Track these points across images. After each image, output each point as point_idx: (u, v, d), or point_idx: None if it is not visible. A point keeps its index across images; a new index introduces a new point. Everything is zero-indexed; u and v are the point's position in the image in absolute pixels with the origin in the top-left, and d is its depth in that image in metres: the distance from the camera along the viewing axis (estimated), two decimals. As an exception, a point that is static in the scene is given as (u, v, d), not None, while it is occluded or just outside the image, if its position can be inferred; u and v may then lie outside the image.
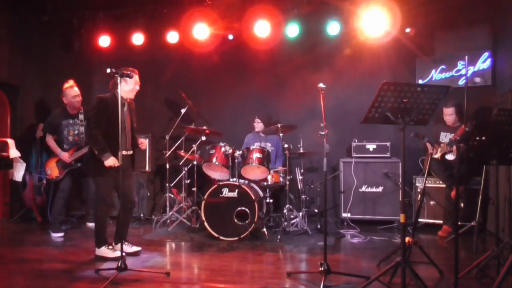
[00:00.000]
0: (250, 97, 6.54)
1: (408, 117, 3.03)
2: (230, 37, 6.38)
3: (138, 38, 6.48)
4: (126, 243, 4.27)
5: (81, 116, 5.43)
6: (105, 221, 4.21)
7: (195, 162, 5.34)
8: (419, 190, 5.45)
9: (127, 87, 4.11)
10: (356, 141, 5.91)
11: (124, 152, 4.00)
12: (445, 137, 5.24)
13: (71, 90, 5.34)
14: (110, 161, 3.96)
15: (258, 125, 5.93)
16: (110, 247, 4.11)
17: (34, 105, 6.68)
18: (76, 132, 5.40)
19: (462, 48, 5.66)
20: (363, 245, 4.76)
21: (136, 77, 4.14)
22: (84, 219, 5.94)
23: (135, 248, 4.31)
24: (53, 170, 5.29)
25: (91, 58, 6.77)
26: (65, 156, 5.22)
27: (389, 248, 4.23)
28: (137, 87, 4.20)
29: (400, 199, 5.23)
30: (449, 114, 5.20)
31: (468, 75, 5.51)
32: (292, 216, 5.38)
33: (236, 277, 3.60)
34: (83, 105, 5.52)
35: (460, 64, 5.75)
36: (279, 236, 4.88)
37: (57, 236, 5.12)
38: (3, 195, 6.29)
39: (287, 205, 5.27)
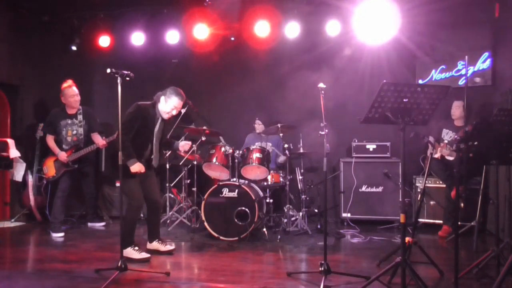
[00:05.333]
0: (250, 97, 6.54)
1: (408, 117, 3.03)
2: (231, 38, 6.39)
3: (138, 38, 6.48)
4: (160, 241, 4.34)
5: (80, 117, 5.43)
6: (134, 223, 4.15)
7: (195, 162, 5.34)
8: (419, 190, 5.45)
9: (164, 108, 4.11)
10: (356, 141, 5.91)
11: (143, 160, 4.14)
12: (446, 134, 5.24)
13: (70, 89, 5.34)
14: (136, 167, 3.94)
15: (259, 127, 5.95)
16: (136, 248, 4.08)
17: (34, 105, 6.67)
18: (74, 132, 5.40)
19: (462, 48, 5.66)
20: (363, 245, 4.76)
21: (176, 102, 4.08)
22: (84, 219, 5.94)
23: (169, 247, 4.34)
24: (50, 169, 5.29)
25: (91, 58, 6.76)
26: (63, 156, 5.22)
27: (389, 248, 4.22)
28: (174, 112, 4.16)
29: (400, 199, 5.23)
30: (457, 106, 5.16)
31: (468, 75, 5.51)
32: (292, 216, 5.38)
33: (236, 277, 3.60)
34: (83, 105, 5.51)
35: (460, 64, 5.75)
36: (279, 236, 4.88)
37: (57, 236, 5.12)
38: (3, 195, 6.29)
39: (287, 205, 5.27)
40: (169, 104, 4.08)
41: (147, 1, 6.33)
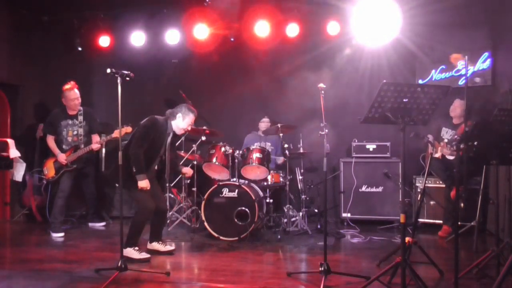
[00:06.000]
0: (250, 97, 6.54)
1: (408, 117, 3.03)
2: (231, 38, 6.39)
3: (138, 38, 6.48)
4: (160, 242, 4.37)
5: (80, 118, 5.42)
6: (142, 226, 4.18)
7: (195, 162, 5.35)
8: (419, 190, 5.45)
9: (181, 125, 4.26)
10: (356, 141, 5.91)
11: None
12: (446, 133, 5.23)
13: (71, 92, 5.34)
14: (143, 183, 4.03)
15: (265, 124, 5.90)
16: (136, 248, 4.11)
17: (34, 105, 6.68)
18: (75, 133, 5.39)
19: (462, 48, 5.65)
20: (363, 245, 4.76)
21: (192, 119, 4.27)
22: (84, 219, 5.94)
23: (169, 247, 4.38)
24: (50, 170, 5.29)
25: (91, 58, 6.76)
26: (62, 158, 5.22)
27: (389, 248, 4.22)
28: (189, 128, 4.35)
29: (400, 199, 5.23)
30: (458, 106, 5.14)
31: (468, 75, 5.50)
32: (292, 216, 5.37)
33: (236, 277, 3.60)
34: (83, 105, 5.50)
35: (460, 64, 5.74)
36: (279, 236, 4.88)
37: (57, 236, 5.12)
38: (3, 195, 6.29)
39: (287, 205, 5.27)
40: (186, 121, 4.25)
41: (147, 1, 6.33)
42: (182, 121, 4.24)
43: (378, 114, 3.02)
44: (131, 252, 4.04)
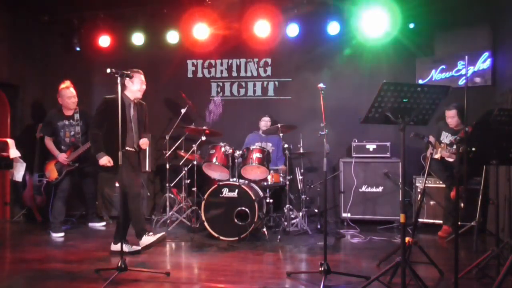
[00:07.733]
0: (250, 97, 6.55)
1: (408, 117, 3.03)
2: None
3: (138, 38, 6.48)
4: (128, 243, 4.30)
5: (77, 116, 5.42)
6: (139, 212, 4.24)
7: (195, 162, 5.35)
8: (419, 190, 5.45)
9: (134, 87, 4.23)
10: (356, 141, 5.91)
11: (127, 148, 4.17)
12: (445, 138, 5.23)
13: (67, 91, 5.34)
14: (103, 160, 4.06)
15: (266, 123, 5.90)
16: (151, 233, 4.21)
17: (34, 105, 6.68)
18: (72, 133, 5.39)
19: (462, 48, 5.66)
20: (363, 245, 4.76)
21: (141, 77, 4.26)
22: (84, 219, 5.94)
23: (135, 247, 4.31)
24: (52, 173, 5.29)
25: (91, 58, 6.76)
26: (63, 157, 5.22)
27: (389, 248, 4.22)
28: (144, 86, 4.30)
29: (400, 199, 5.23)
30: (451, 116, 5.17)
31: (468, 75, 5.51)
32: (292, 216, 5.37)
33: (236, 277, 3.60)
34: (81, 105, 5.50)
35: (460, 64, 5.75)
36: (279, 236, 4.88)
37: (57, 236, 5.12)
38: (3, 195, 6.29)
39: (287, 205, 5.27)
40: (136, 82, 4.20)
41: (147, 1, 6.33)
42: (133, 85, 4.20)
43: (378, 114, 3.02)
44: (147, 239, 4.17)
